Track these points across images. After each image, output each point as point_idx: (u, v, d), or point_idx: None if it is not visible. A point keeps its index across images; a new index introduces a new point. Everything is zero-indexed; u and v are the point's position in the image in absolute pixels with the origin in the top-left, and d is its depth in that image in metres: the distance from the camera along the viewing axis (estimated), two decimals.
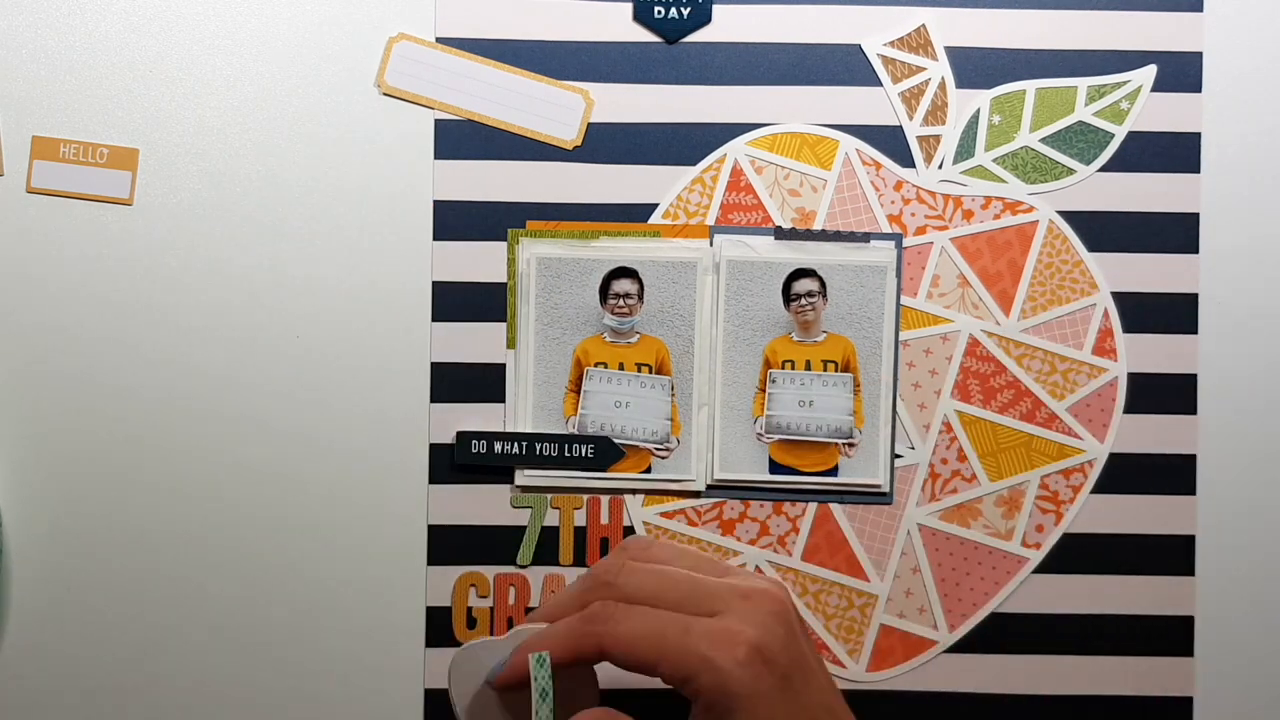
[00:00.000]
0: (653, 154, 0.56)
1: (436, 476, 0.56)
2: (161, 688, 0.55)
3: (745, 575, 0.46)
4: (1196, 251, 0.56)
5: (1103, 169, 0.56)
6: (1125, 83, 0.56)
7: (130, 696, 0.55)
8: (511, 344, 0.56)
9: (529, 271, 0.56)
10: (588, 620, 0.44)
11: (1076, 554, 0.56)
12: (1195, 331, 0.56)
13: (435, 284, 0.56)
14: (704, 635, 0.42)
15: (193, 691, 0.55)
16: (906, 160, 0.56)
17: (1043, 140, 0.56)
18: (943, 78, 0.56)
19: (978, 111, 0.56)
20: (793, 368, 0.56)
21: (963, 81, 0.56)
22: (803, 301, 0.56)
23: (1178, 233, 0.56)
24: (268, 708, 0.55)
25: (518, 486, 0.56)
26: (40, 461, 0.55)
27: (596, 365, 0.56)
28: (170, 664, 0.55)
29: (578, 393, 0.56)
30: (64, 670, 0.55)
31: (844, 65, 0.56)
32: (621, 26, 0.56)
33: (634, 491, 0.56)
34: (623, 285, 0.56)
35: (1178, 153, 0.56)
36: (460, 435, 0.55)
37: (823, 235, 0.56)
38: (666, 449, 0.56)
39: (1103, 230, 0.56)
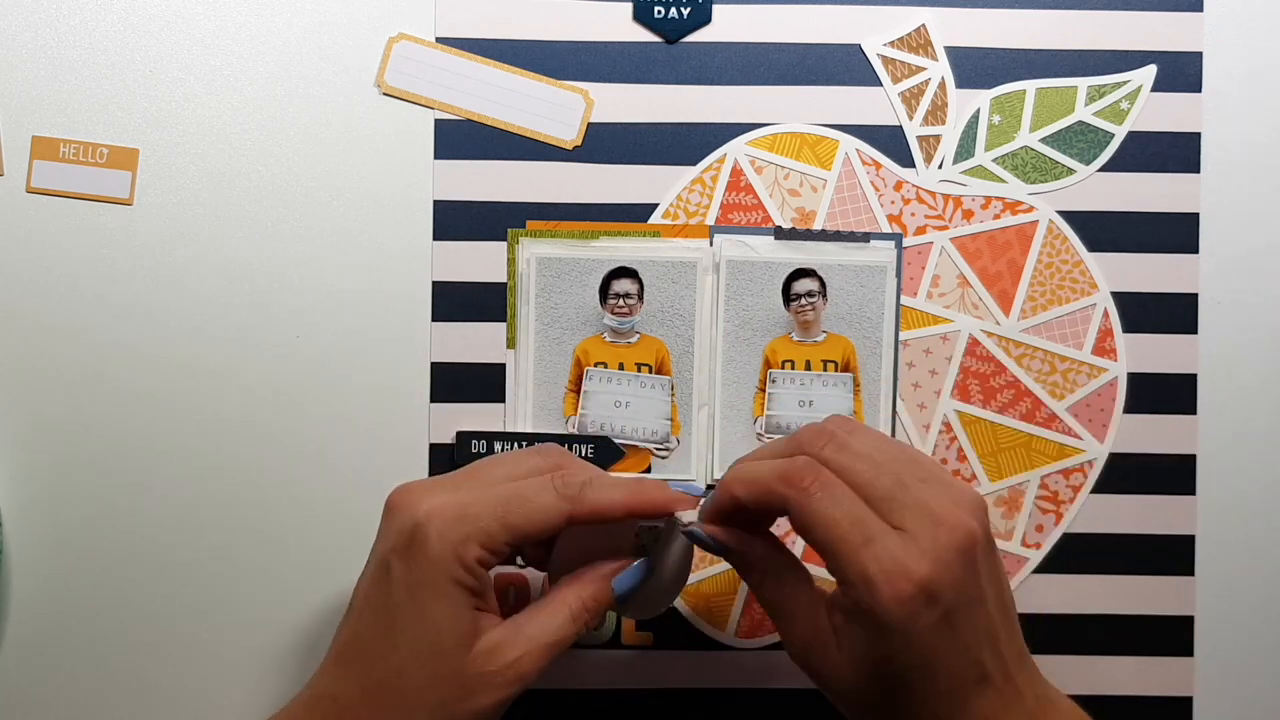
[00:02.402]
0: (653, 154, 0.56)
1: None
2: (162, 688, 0.55)
3: (946, 487, 0.44)
4: (1196, 251, 0.56)
5: (1103, 169, 0.56)
6: (1125, 83, 0.56)
7: (131, 697, 0.55)
8: (511, 344, 0.56)
9: (529, 271, 0.56)
10: (787, 480, 0.43)
11: (1076, 554, 0.56)
12: (1195, 331, 0.56)
13: (435, 284, 0.56)
14: (877, 557, 0.41)
15: (193, 693, 0.55)
16: (906, 160, 0.56)
17: (1043, 140, 0.56)
18: (943, 78, 0.56)
19: (978, 111, 0.56)
20: (793, 367, 0.56)
21: (963, 81, 0.56)
22: (803, 301, 0.56)
23: (1178, 233, 0.56)
24: (269, 709, 0.55)
25: None
26: (40, 461, 0.55)
27: (596, 365, 0.56)
28: (171, 664, 0.55)
29: (578, 393, 0.56)
30: (64, 670, 0.55)
31: (844, 65, 0.56)
32: (621, 26, 0.56)
33: None
34: (623, 285, 0.56)
35: (1178, 153, 0.56)
36: (460, 435, 0.55)
37: (823, 235, 0.56)
38: (666, 449, 0.56)
39: (1103, 230, 0.56)
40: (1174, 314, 0.56)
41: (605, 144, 0.56)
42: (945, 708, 0.42)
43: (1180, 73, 0.56)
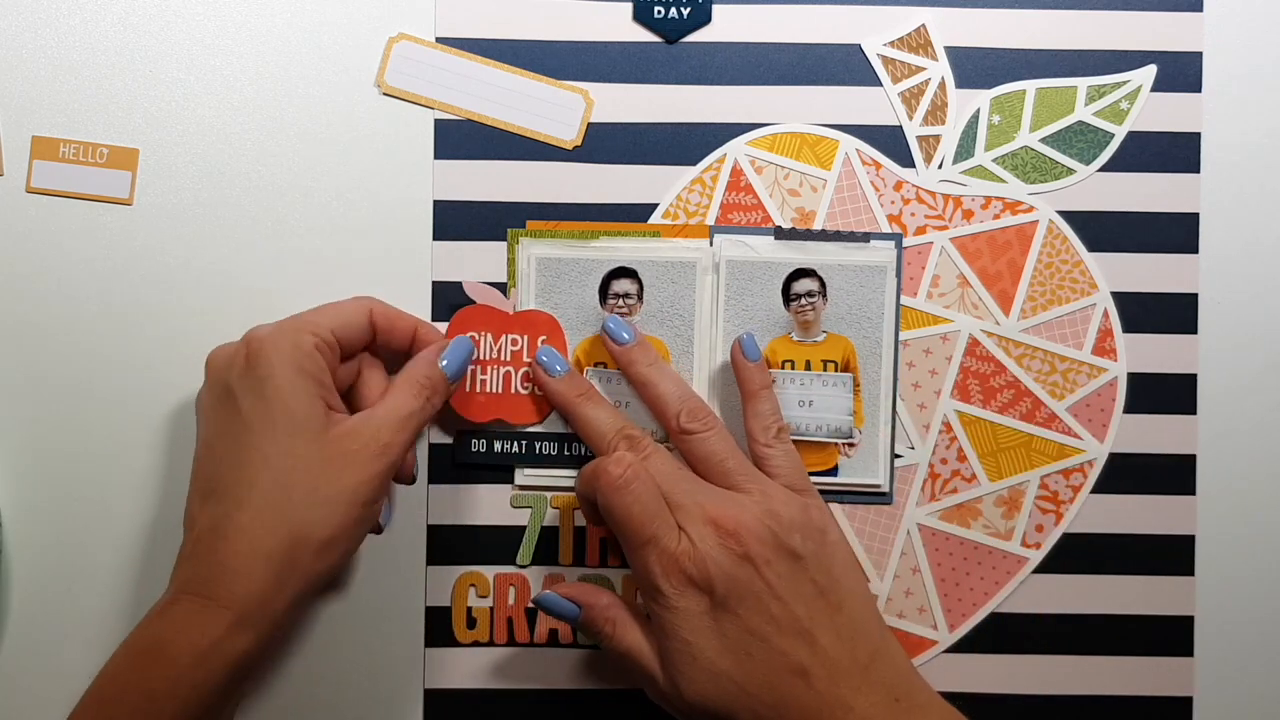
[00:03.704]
0: (653, 154, 0.56)
1: (436, 476, 0.56)
2: None
3: (732, 496, 0.50)
4: (1196, 251, 0.56)
5: (1103, 169, 0.56)
6: (1125, 83, 0.56)
7: None
8: None
9: (529, 271, 0.56)
10: (596, 475, 0.50)
11: (1076, 554, 0.56)
12: (1195, 331, 0.56)
13: (435, 284, 0.56)
14: (659, 557, 0.48)
15: None
16: (906, 160, 0.56)
17: (1043, 140, 0.56)
18: (943, 78, 0.56)
19: (978, 111, 0.56)
20: (793, 367, 0.56)
21: (963, 81, 0.56)
22: (803, 301, 0.56)
23: (1178, 233, 0.56)
24: (268, 707, 0.55)
25: (518, 486, 0.56)
26: (40, 461, 0.55)
27: (596, 365, 0.56)
28: None
29: None
30: (64, 670, 0.55)
31: (844, 65, 0.56)
32: (621, 26, 0.56)
33: None
34: (623, 285, 0.56)
35: (1178, 153, 0.56)
36: (460, 435, 0.55)
37: (823, 235, 0.56)
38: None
39: (1103, 230, 0.56)
40: (1174, 314, 0.56)
41: (605, 144, 0.56)
42: (768, 695, 0.47)
43: (1180, 73, 0.56)
